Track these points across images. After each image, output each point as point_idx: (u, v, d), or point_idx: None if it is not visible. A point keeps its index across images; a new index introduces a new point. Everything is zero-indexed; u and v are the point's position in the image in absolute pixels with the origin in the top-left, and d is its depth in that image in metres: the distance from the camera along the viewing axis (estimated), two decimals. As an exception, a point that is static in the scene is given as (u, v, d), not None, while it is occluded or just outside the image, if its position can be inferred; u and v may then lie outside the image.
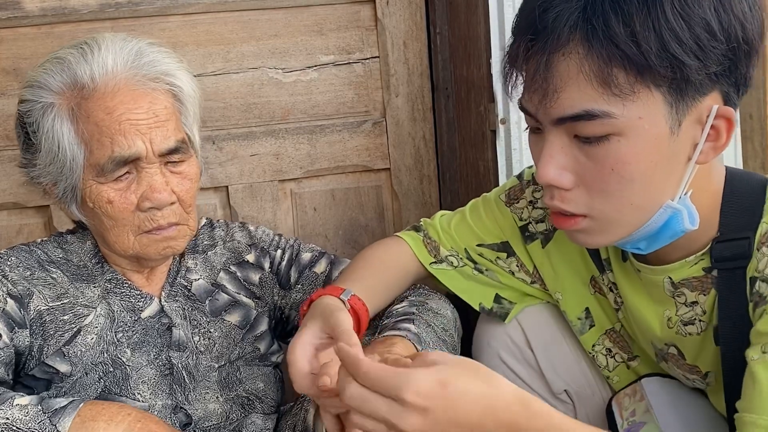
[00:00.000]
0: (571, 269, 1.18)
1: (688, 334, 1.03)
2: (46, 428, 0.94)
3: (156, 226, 1.12)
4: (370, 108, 1.70)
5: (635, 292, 1.08)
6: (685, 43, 0.82)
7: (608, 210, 0.92)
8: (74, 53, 1.11)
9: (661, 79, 0.84)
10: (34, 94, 1.11)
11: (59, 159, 1.10)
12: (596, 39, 0.83)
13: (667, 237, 0.95)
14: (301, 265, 1.31)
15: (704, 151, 0.90)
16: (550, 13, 0.85)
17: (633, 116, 0.86)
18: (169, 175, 1.13)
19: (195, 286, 1.24)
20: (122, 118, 1.08)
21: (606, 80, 0.84)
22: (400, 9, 1.67)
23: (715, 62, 0.84)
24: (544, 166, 0.91)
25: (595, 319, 1.18)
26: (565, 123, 0.88)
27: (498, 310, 1.23)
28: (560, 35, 0.85)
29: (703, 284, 0.99)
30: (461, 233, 1.24)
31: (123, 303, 1.18)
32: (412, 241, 1.25)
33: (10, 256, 1.17)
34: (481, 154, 1.64)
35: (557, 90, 0.87)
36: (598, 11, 0.83)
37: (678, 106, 0.86)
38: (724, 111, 0.88)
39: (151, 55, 1.12)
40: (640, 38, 0.82)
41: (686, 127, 0.88)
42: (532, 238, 1.20)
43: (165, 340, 1.19)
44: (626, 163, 0.88)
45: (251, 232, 1.33)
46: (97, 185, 1.10)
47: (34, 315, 1.13)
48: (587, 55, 0.84)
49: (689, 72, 0.83)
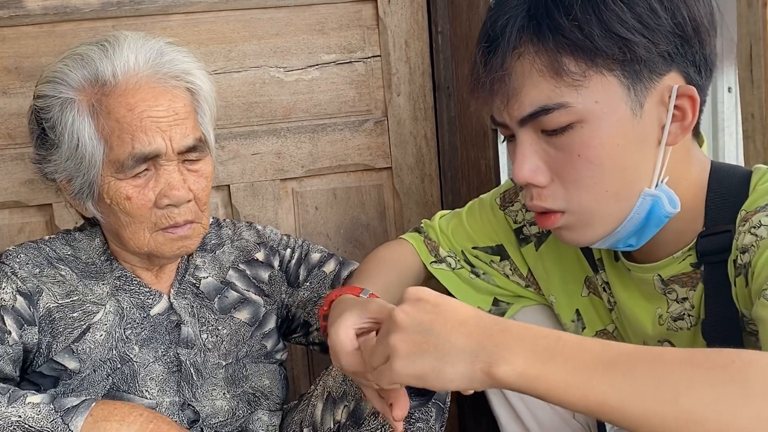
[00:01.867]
0: (563, 272, 1.18)
1: (679, 329, 1.04)
2: (59, 427, 0.94)
3: (173, 223, 1.12)
4: (372, 107, 1.70)
5: (627, 291, 1.09)
6: (627, 23, 0.86)
7: (585, 201, 0.93)
8: (95, 50, 1.11)
9: (612, 62, 0.87)
10: (53, 89, 1.11)
11: (78, 155, 1.10)
12: (542, 33, 0.88)
13: (653, 226, 0.96)
14: (311, 264, 1.32)
15: (672, 132, 0.92)
16: (500, 20, 0.91)
17: (589, 102, 0.88)
18: (186, 173, 1.13)
19: (204, 283, 1.25)
20: (143, 115, 1.08)
21: (558, 71, 0.88)
22: (401, 8, 1.67)
23: (664, 40, 0.87)
24: (518, 167, 0.94)
25: (586, 321, 1.19)
26: (529, 122, 0.91)
27: (496, 313, 1.24)
28: (510, 38, 0.90)
29: (692, 279, 1.00)
30: (457, 235, 1.25)
31: (132, 300, 1.18)
32: (414, 241, 1.27)
33: (19, 254, 1.16)
34: (483, 153, 1.64)
35: (516, 91, 0.91)
36: (541, 9, 0.88)
37: (635, 87, 0.89)
38: (685, 89, 0.90)
39: (172, 54, 1.13)
40: (582, 23, 0.86)
41: (649, 109, 0.90)
42: (527, 241, 1.21)
43: (173, 337, 1.19)
44: (591, 147, 0.90)
45: (259, 231, 1.34)
46: (116, 181, 1.10)
47: (44, 312, 1.13)
48: (537, 52, 0.88)
49: (638, 50, 0.87)
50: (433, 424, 1.10)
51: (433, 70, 1.72)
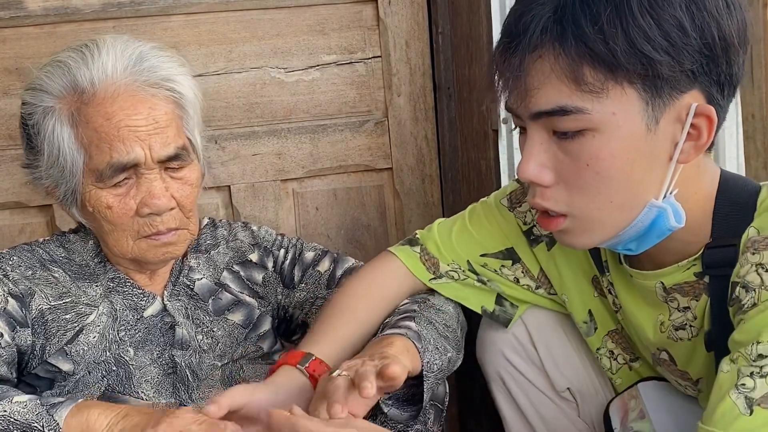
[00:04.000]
0: (575, 271, 1.17)
1: (679, 339, 1.03)
2: (44, 418, 0.94)
3: (155, 231, 1.12)
4: (372, 108, 1.70)
5: (630, 294, 1.08)
6: (653, 40, 0.83)
7: (588, 208, 0.93)
8: (75, 57, 1.10)
9: (633, 76, 0.85)
10: (35, 97, 1.11)
11: (59, 163, 1.10)
12: (566, 39, 0.86)
13: (655, 237, 0.95)
14: (305, 264, 1.31)
15: (685, 151, 0.90)
16: (524, 17, 0.88)
17: (606, 112, 0.87)
18: (169, 180, 1.12)
19: (198, 285, 1.24)
20: (121, 125, 1.07)
21: (576, 78, 0.86)
22: (402, 8, 1.67)
23: (689, 59, 0.85)
24: (525, 163, 0.93)
25: (598, 321, 1.18)
26: (542, 118, 0.90)
27: (500, 313, 1.23)
28: (532, 37, 0.88)
29: (695, 289, 0.99)
30: (463, 244, 1.21)
31: (125, 302, 1.18)
32: (407, 258, 1.22)
33: (12, 256, 1.17)
34: (483, 153, 1.64)
35: (533, 88, 0.89)
36: (568, 12, 0.86)
37: (654, 103, 0.87)
38: (704, 109, 0.88)
39: (152, 60, 1.12)
40: (608, 36, 0.84)
41: (664, 125, 0.88)
42: (538, 241, 1.19)
43: (168, 338, 1.19)
44: (601, 159, 0.89)
45: (254, 232, 1.33)
46: (97, 190, 1.10)
47: (36, 314, 1.13)
48: (559, 55, 0.86)
49: (661, 69, 0.84)
50: (431, 425, 1.10)
51: (433, 70, 1.72)
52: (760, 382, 0.82)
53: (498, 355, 1.25)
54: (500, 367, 1.26)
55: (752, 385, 0.82)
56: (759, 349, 0.83)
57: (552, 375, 1.24)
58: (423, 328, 1.10)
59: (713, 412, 0.84)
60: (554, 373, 1.24)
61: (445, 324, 1.16)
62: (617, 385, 1.21)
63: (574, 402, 1.25)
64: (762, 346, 0.83)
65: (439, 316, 1.16)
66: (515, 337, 1.24)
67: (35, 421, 0.93)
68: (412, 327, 1.09)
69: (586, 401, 1.25)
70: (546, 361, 1.23)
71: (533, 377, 1.25)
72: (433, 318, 1.14)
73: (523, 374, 1.25)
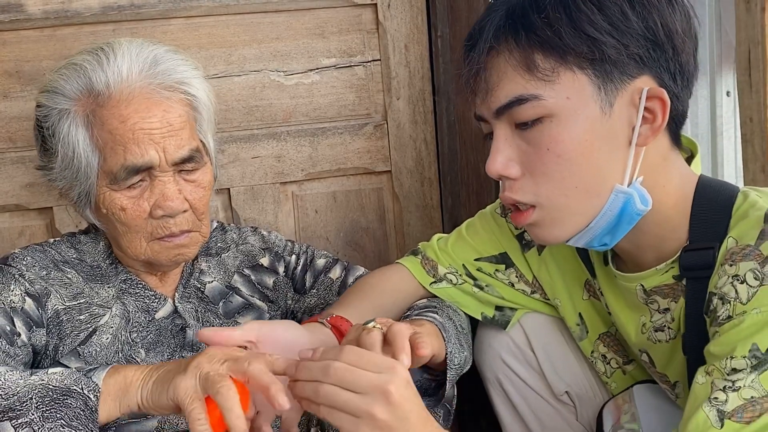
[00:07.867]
0: (565, 275, 1.19)
1: (658, 341, 1.05)
2: (82, 381, 0.93)
3: (168, 233, 1.12)
4: (372, 111, 1.70)
5: (614, 296, 1.10)
6: (596, 23, 0.89)
7: (554, 195, 0.95)
8: (90, 59, 1.11)
9: (583, 60, 0.91)
10: (50, 99, 1.12)
11: (74, 165, 1.10)
12: (517, 31, 0.93)
13: (626, 224, 0.97)
14: (317, 271, 1.33)
15: (642, 133, 0.94)
16: (482, 22, 0.97)
17: (560, 97, 0.92)
18: (182, 182, 1.13)
19: (208, 288, 1.25)
20: (136, 127, 1.08)
21: (529, 66, 0.92)
22: (401, 12, 1.67)
23: (633, 43, 0.90)
24: (492, 158, 0.97)
25: (588, 324, 1.19)
26: (504, 114, 0.95)
27: (500, 318, 1.24)
28: (488, 37, 0.95)
29: (674, 291, 1.00)
30: (458, 250, 1.24)
31: (137, 303, 1.19)
32: (410, 264, 1.26)
33: (26, 256, 1.17)
34: (482, 156, 1.64)
35: (493, 86, 0.95)
36: (518, 10, 0.94)
37: (606, 87, 0.91)
38: (656, 92, 0.92)
39: (167, 62, 1.12)
40: (553, 21, 0.90)
41: (619, 109, 0.92)
42: (530, 246, 1.21)
43: (179, 341, 1.19)
44: (559, 142, 0.93)
45: (264, 237, 1.34)
46: (111, 192, 1.10)
47: (52, 314, 1.13)
48: (513, 49, 0.93)
49: (607, 50, 0.90)
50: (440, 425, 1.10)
51: (432, 73, 1.73)
52: (732, 396, 0.83)
53: (496, 358, 1.26)
54: (498, 370, 1.26)
55: (724, 399, 0.84)
56: (733, 363, 0.85)
57: (550, 378, 1.24)
58: (445, 321, 1.13)
59: (687, 423, 0.86)
60: (552, 377, 1.24)
61: (461, 324, 1.18)
62: (612, 389, 1.22)
63: (572, 405, 1.26)
64: (736, 360, 0.85)
65: (456, 316, 1.19)
66: (513, 341, 1.24)
67: (74, 385, 0.92)
68: (437, 318, 1.12)
69: (584, 405, 1.25)
70: (544, 364, 1.24)
71: (531, 381, 1.25)
72: (452, 316, 1.17)
73: (521, 378, 1.25)
